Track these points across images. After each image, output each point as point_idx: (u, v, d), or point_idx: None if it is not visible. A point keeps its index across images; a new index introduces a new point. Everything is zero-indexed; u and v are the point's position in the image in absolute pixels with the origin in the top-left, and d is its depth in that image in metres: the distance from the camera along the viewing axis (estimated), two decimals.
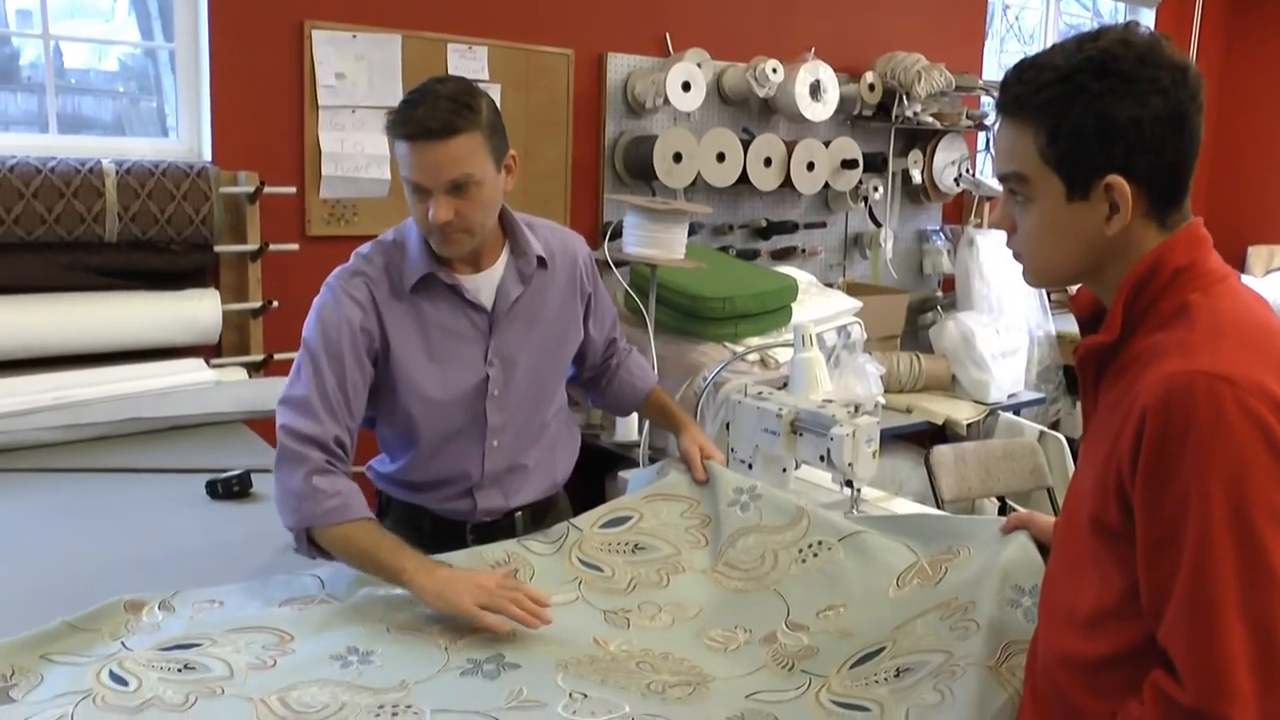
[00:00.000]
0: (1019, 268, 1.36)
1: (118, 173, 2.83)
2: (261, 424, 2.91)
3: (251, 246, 3.17)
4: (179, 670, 1.51)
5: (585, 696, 1.49)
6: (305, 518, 1.79)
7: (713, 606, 1.83)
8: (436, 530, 2.08)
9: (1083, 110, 1.20)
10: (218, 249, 3.08)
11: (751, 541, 1.92)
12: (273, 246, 3.18)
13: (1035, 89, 1.23)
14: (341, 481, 1.83)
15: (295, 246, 3.25)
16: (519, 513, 2.14)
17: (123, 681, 1.46)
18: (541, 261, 2.04)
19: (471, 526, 2.11)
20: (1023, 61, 1.27)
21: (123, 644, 1.58)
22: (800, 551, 1.87)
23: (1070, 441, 3.84)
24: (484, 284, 2.01)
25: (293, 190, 3.28)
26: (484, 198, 1.88)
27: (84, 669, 1.49)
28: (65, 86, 3.24)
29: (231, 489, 2.32)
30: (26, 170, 2.71)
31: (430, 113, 1.82)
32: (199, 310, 2.98)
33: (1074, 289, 1.41)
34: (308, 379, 1.87)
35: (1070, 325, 5.00)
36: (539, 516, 2.17)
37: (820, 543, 1.87)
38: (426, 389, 1.98)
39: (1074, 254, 1.27)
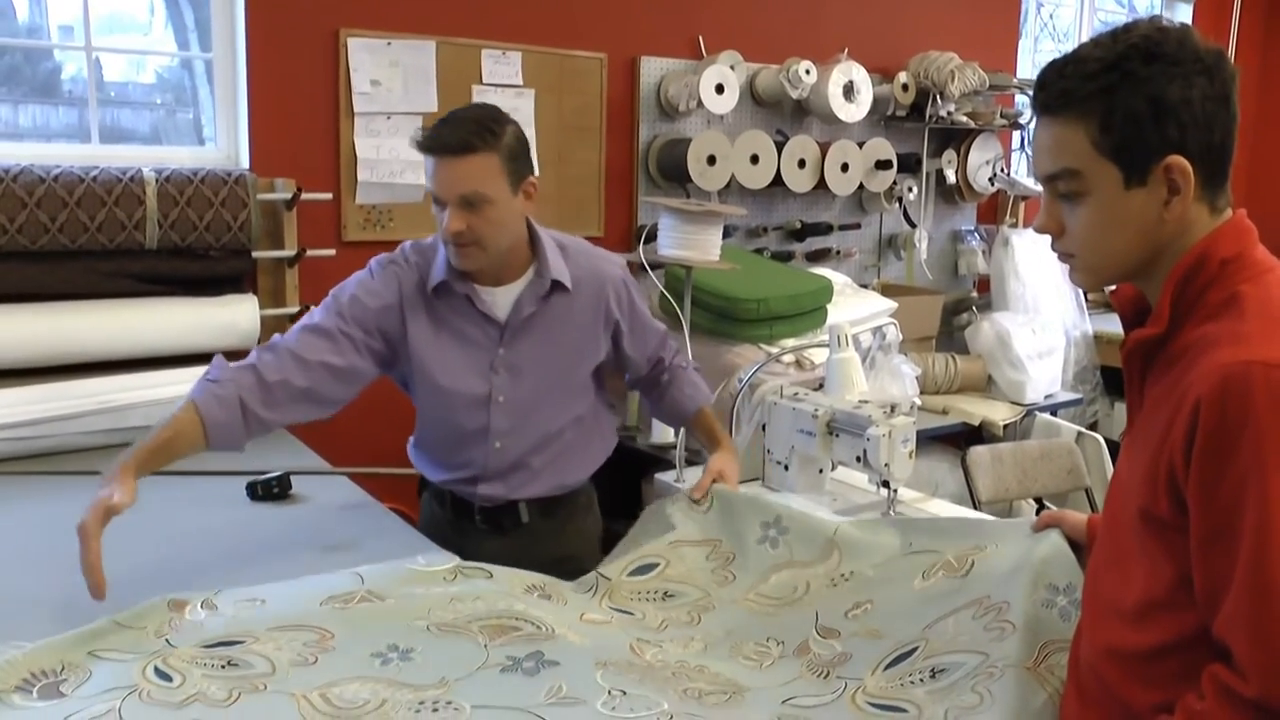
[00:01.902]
0: (1059, 267, 1.37)
1: (158, 181, 2.86)
2: (300, 427, 2.93)
3: (289, 252, 3.20)
4: (222, 667, 1.53)
5: (624, 694, 1.50)
6: (201, 389, 1.93)
7: (744, 627, 1.83)
8: (455, 507, 2.27)
9: (1134, 94, 1.20)
10: (255, 255, 3.11)
11: (784, 576, 1.92)
12: (310, 252, 3.21)
13: (1081, 80, 1.23)
14: (254, 394, 1.94)
15: (332, 252, 3.28)
16: (523, 503, 2.24)
17: (167, 678, 1.48)
18: (558, 285, 2.14)
19: (478, 508, 2.24)
20: (1057, 60, 1.28)
21: (167, 641, 1.60)
22: (832, 580, 1.87)
23: (1109, 442, 3.81)
24: (501, 298, 2.14)
25: (329, 196, 3.31)
26: (495, 216, 2.00)
27: (130, 665, 1.51)
28: (104, 100, 3.29)
29: (271, 490, 2.34)
30: (70, 179, 2.75)
31: (452, 131, 1.98)
32: (237, 315, 3.00)
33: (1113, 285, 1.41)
34: (323, 320, 2.08)
35: (1107, 325, 4.96)
36: (547, 510, 2.27)
37: (853, 572, 1.86)
38: (436, 377, 2.13)
39: (1133, 244, 1.26)
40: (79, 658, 1.53)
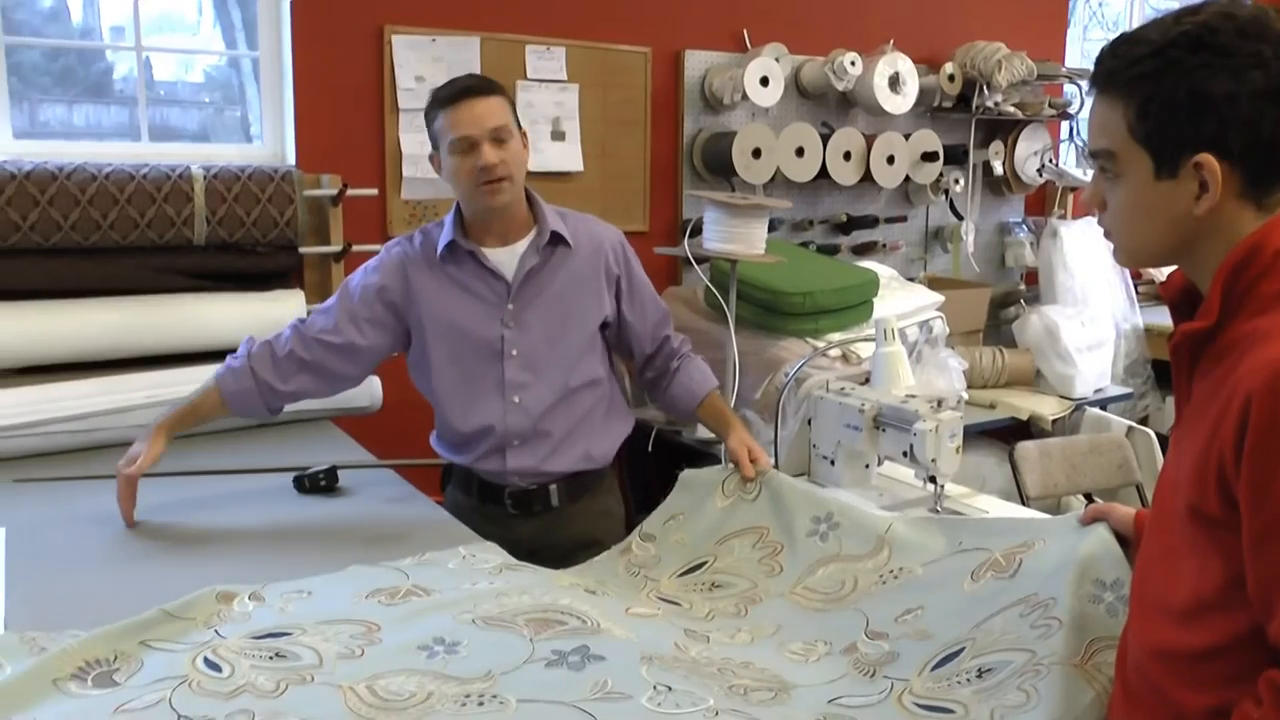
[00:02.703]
0: (1106, 257, 1.34)
1: (206, 178, 2.89)
2: (347, 421, 2.97)
3: (335, 248, 3.22)
4: (270, 658, 1.54)
5: (670, 689, 1.49)
6: (225, 364, 2.28)
7: (792, 624, 1.83)
8: (482, 493, 2.36)
9: (1174, 85, 1.17)
10: (302, 250, 3.13)
11: (832, 569, 1.92)
12: (355, 247, 3.23)
13: (1127, 63, 1.20)
14: (266, 365, 2.25)
15: (377, 247, 3.27)
16: (554, 485, 2.32)
17: (217, 668, 1.50)
18: (557, 238, 2.29)
19: (509, 491, 2.31)
20: (1119, 36, 1.24)
21: (216, 632, 1.62)
22: (881, 576, 1.86)
23: (1160, 437, 3.75)
24: (507, 257, 2.29)
25: (374, 192, 3.33)
26: (516, 149, 2.22)
27: (180, 655, 1.53)
28: (154, 98, 3.33)
29: (319, 483, 2.36)
30: (121, 177, 2.79)
31: (469, 80, 2.23)
32: (284, 310, 3.02)
33: (1165, 274, 1.38)
34: (332, 301, 2.33)
35: (1158, 317, 4.88)
36: (575, 492, 2.35)
37: (902, 569, 1.85)
38: (449, 324, 2.27)
39: (1162, 234, 1.24)
40: (131, 647, 1.56)
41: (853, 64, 4.04)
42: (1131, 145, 1.22)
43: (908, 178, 4.30)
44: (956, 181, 4.57)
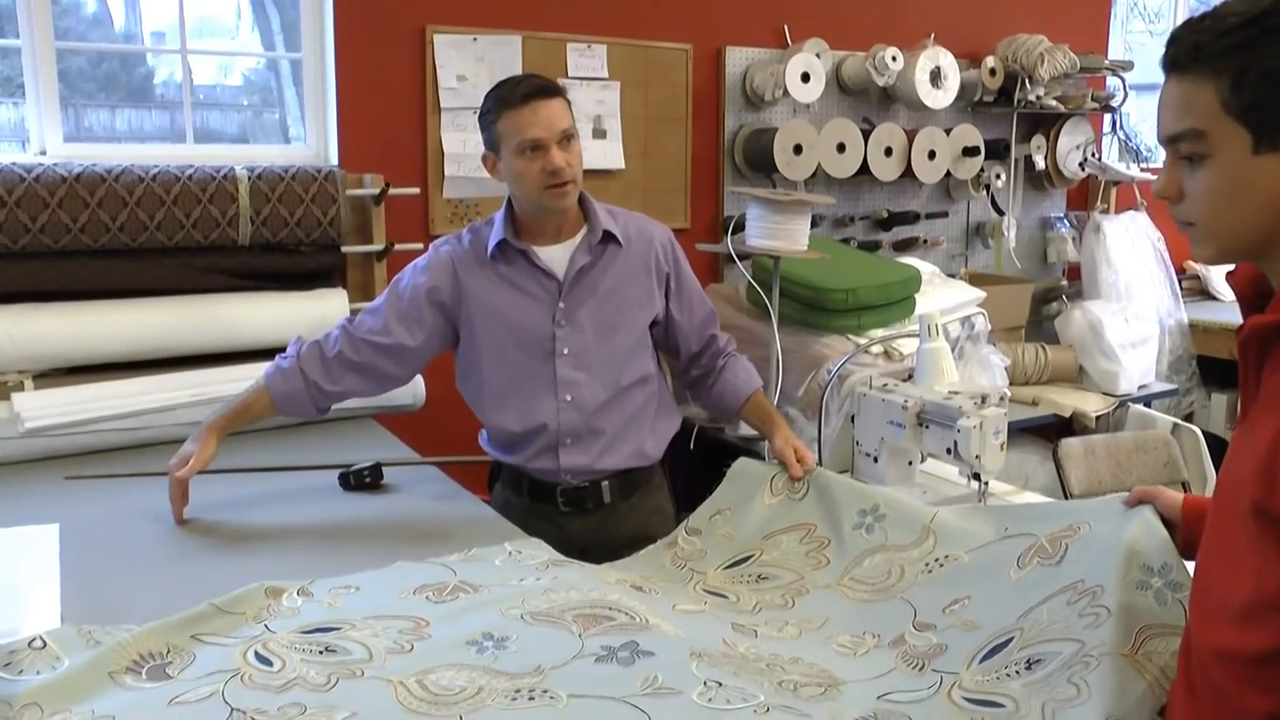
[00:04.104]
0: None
1: (250, 178, 2.92)
2: (390, 419, 2.98)
3: (377, 247, 3.24)
4: (320, 652, 1.55)
5: (720, 685, 1.49)
6: (274, 364, 2.28)
7: (839, 616, 1.83)
8: (533, 492, 2.36)
9: (1274, 52, 1.11)
10: (345, 249, 3.15)
11: (878, 560, 1.92)
12: (398, 246, 3.25)
13: (1216, 36, 1.14)
14: (315, 365, 2.25)
15: (420, 245, 3.31)
16: (606, 481, 2.32)
17: (268, 662, 1.51)
18: (609, 236, 2.29)
19: (561, 490, 2.31)
20: (1195, 15, 1.19)
21: (266, 626, 1.64)
22: (926, 565, 1.86)
23: (1206, 435, 3.70)
24: (558, 255, 2.28)
25: (416, 191, 3.35)
26: (579, 151, 2.21)
27: (231, 649, 1.55)
28: (194, 102, 3.36)
29: (363, 480, 2.38)
30: (167, 178, 2.82)
31: (538, 81, 2.18)
32: (327, 309, 3.05)
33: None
34: (380, 301, 2.31)
35: (1203, 313, 4.83)
36: (627, 489, 2.35)
37: (947, 556, 1.85)
38: (501, 321, 2.26)
39: (1259, 213, 1.17)
40: (183, 641, 1.58)
41: (894, 59, 4.02)
42: (1225, 121, 1.15)
43: (949, 173, 4.28)
44: (998, 176, 4.54)
